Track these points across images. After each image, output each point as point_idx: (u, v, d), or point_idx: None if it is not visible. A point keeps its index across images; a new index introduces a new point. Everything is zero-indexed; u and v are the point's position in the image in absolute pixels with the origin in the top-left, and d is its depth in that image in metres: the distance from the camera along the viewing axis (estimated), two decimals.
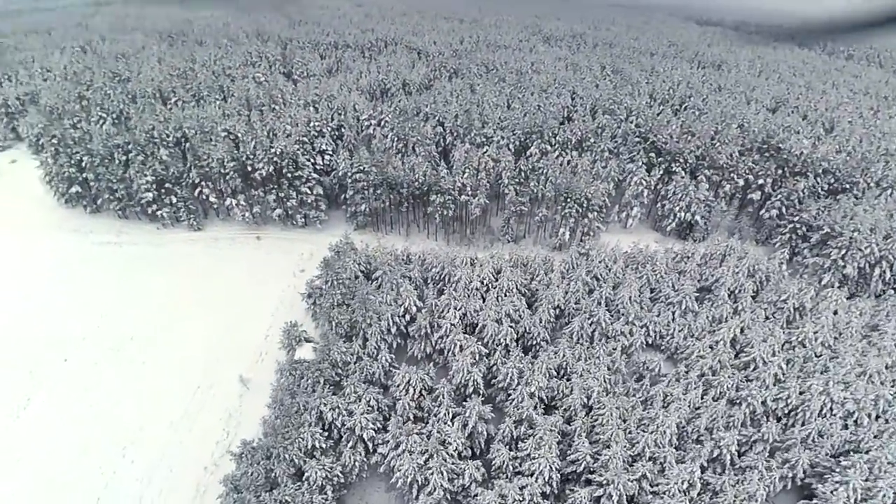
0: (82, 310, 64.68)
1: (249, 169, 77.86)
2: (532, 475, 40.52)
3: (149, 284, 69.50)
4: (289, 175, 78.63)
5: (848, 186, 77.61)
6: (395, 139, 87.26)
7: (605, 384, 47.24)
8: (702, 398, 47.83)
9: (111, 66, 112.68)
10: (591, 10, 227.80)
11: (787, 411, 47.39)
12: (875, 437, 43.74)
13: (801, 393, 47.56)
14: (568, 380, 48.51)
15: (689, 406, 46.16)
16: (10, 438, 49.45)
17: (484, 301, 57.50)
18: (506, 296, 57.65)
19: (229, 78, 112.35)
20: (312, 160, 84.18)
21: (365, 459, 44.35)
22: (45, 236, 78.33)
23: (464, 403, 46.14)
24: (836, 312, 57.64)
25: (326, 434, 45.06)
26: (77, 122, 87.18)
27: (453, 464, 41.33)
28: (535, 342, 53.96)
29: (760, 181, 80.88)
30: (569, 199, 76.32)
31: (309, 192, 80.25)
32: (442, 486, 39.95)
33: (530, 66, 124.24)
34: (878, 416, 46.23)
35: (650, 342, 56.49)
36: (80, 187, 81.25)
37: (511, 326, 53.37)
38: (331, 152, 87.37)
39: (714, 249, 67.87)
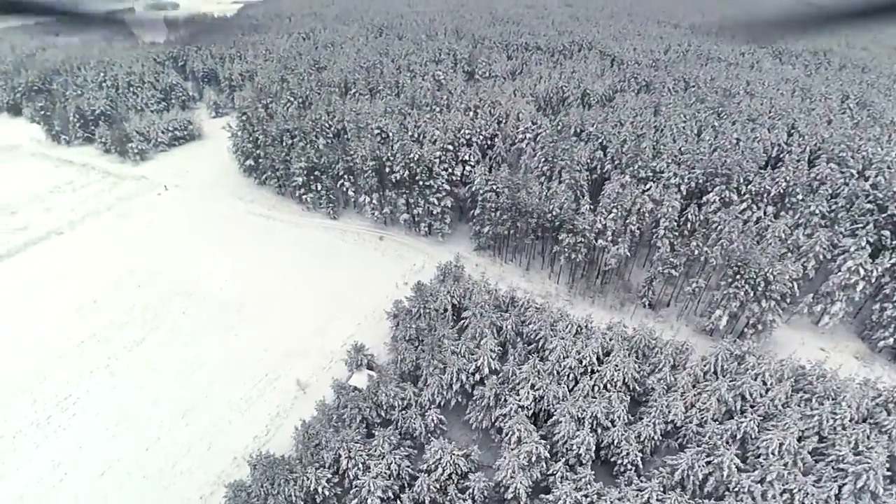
0: (215, 269, 72.61)
1: (387, 170, 77.63)
2: None
3: (275, 259, 74.97)
4: (420, 182, 76.18)
5: None
6: (543, 159, 77.87)
7: None
8: None
9: (317, 53, 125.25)
10: None
11: None
12: None
13: None
14: None
15: None
16: (116, 368, 57.00)
17: (574, 386, 46.26)
18: (605, 389, 45.42)
19: (410, 74, 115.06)
20: (451, 169, 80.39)
21: None
22: (215, 197, 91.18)
23: None
24: None
25: (338, 479, 41.00)
26: (270, 102, 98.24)
27: None
28: (620, 461, 41.30)
29: None
30: (740, 274, 57.88)
31: (436, 202, 76.73)
32: None
33: (744, 86, 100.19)
34: None
35: None
36: (253, 161, 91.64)
37: (593, 433, 41.65)
38: (473, 163, 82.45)
39: None
